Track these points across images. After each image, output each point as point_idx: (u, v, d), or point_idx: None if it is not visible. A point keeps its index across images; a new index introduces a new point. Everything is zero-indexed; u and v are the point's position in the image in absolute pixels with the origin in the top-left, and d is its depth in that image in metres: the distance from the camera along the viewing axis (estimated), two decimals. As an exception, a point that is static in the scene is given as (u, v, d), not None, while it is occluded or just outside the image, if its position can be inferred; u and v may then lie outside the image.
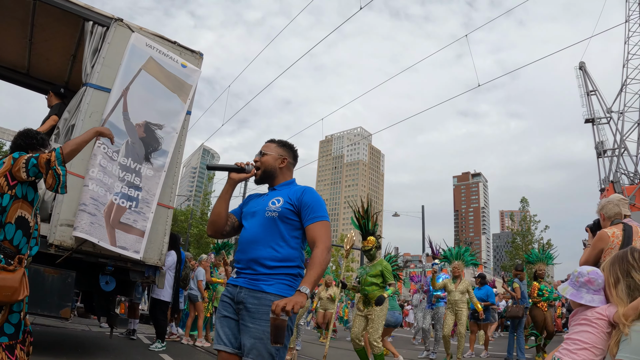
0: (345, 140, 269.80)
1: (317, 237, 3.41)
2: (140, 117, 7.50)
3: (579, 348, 3.50)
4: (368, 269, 8.87)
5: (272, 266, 3.37)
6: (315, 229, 3.46)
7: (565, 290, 3.79)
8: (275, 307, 2.88)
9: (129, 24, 7.68)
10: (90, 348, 9.00)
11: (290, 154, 3.85)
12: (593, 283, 3.64)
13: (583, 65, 55.55)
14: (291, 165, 3.89)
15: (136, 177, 7.31)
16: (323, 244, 3.36)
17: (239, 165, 3.64)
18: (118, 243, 6.90)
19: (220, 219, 3.65)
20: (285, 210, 3.50)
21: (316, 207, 3.55)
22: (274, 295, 3.26)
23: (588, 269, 3.72)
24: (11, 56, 9.78)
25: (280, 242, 3.45)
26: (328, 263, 3.35)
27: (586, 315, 3.55)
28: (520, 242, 53.09)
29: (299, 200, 3.55)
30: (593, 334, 3.45)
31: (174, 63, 7.95)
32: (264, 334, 3.15)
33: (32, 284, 6.34)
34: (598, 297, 3.61)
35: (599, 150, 52.94)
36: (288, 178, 3.84)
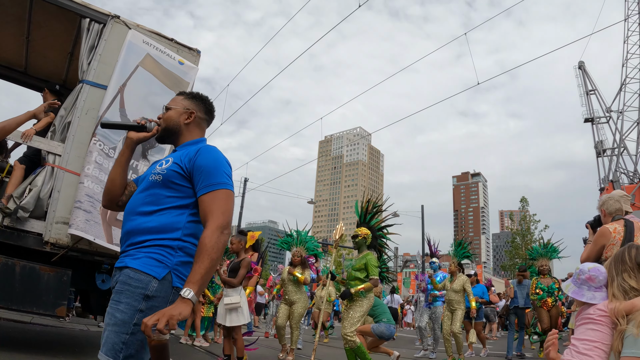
0: (344, 140, 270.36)
1: (208, 212, 2.73)
2: (137, 114, 7.43)
3: (587, 348, 3.46)
4: (354, 261, 8.67)
5: (143, 239, 2.75)
6: (206, 201, 2.78)
7: (568, 288, 3.78)
8: (144, 327, 2.36)
9: (125, 21, 7.64)
10: (88, 348, 8.95)
11: (200, 107, 3.28)
12: (594, 280, 3.61)
13: (582, 65, 55.57)
14: (202, 121, 3.29)
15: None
16: (215, 222, 2.68)
17: (138, 123, 3.13)
18: (115, 240, 6.86)
19: (114, 187, 3.12)
20: (172, 173, 2.88)
21: (212, 171, 2.85)
22: (136, 271, 2.65)
23: (589, 266, 3.69)
24: (8, 54, 9.75)
25: (157, 209, 2.81)
26: (223, 248, 2.68)
27: (589, 314, 3.52)
28: (520, 241, 53.19)
29: (191, 162, 2.89)
30: (599, 331, 3.42)
31: (171, 60, 7.92)
32: (114, 318, 2.58)
33: (28, 282, 6.32)
34: (599, 295, 3.58)
35: (598, 149, 52.93)
36: (196, 137, 3.21)
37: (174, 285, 2.72)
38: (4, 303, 6.38)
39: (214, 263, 2.59)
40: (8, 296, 6.31)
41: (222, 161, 2.94)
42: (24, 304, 6.49)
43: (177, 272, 2.74)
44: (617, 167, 50.44)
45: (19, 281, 6.31)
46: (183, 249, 2.78)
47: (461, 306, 11.03)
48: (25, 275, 6.38)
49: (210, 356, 9.75)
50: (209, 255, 2.55)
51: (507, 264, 58.27)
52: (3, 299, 6.30)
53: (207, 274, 2.54)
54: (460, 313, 10.98)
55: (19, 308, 6.63)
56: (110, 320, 2.59)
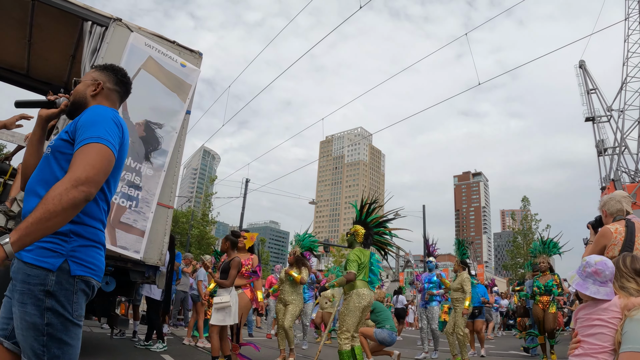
0: (345, 140, 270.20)
1: (71, 165, 2.42)
2: (140, 116, 7.49)
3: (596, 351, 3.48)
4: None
5: None
6: (75, 155, 2.45)
7: (573, 279, 3.78)
8: None
9: (127, 24, 7.68)
10: (91, 349, 8.98)
11: (110, 78, 2.97)
12: (600, 275, 3.62)
13: (583, 64, 55.52)
14: (112, 92, 2.98)
15: (136, 177, 7.30)
16: (70, 175, 2.34)
17: (49, 99, 2.92)
18: (118, 243, 6.89)
19: (28, 169, 2.87)
20: (59, 142, 2.61)
21: (89, 126, 2.54)
22: (31, 266, 2.37)
23: (596, 259, 3.68)
24: (10, 57, 9.78)
25: (45, 186, 2.49)
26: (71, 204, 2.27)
27: (600, 316, 3.53)
28: (522, 241, 53.18)
29: (75, 123, 2.61)
30: (611, 335, 3.44)
31: (173, 62, 7.95)
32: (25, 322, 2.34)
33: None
34: (604, 290, 3.59)
35: (599, 148, 52.87)
36: None
37: (75, 274, 2.47)
38: (9, 305, 6.41)
39: (48, 215, 2.22)
40: (12, 298, 6.33)
41: (105, 116, 2.64)
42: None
43: (74, 259, 2.48)
44: (618, 166, 50.39)
45: (23, 283, 6.33)
46: (78, 233, 2.51)
47: (462, 304, 10.84)
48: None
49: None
50: (45, 206, 2.22)
51: (509, 263, 58.25)
52: (7, 301, 6.33)
53: (36, 224, 2.20)
54: (459, 311, 10.84)
55: (23, 310, 6.65)
56: (23, 325, 2.37)
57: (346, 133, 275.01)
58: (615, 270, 3.61)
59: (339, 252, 68.42)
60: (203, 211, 50.89)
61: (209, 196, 51.56)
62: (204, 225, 48.39)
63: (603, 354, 3.44)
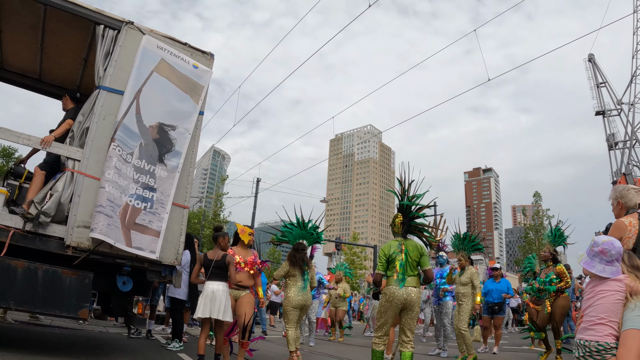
0: (355, 138, 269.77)
1: None
2: (153, 119, 7.57)
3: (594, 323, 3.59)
4: None
5: None
6: None
7: (581, 258, 3.88)
8: None
9: (139, 27, 7.75)
10: (108, 349, 9.06)
11: None
12: (606, 254, 3.72)
13: (592, 58, 55.37)
14: None
15: (150, 179, 7.38)
16: None
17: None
18: (134, 244, 6.98)
19: None
20: None
21: None
22: None
23: (603, 239, 3.80)
24: (23, 62, 9.85)
25: None
26: None
27: (603, 287, 3.65)
28: (533, 236, 53.04)
29: None
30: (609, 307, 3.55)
31: (186, 64, 8.02)
32: None
33: (50, 285, 6.43)
34: (609, 268, 3.69)
35: (610, 142, 52.77)
36: None
37: None
38: (28, 306, 6.50)
39: None
40: (31, 300, 6.42)
41: None
42: (46, 307, 6.61)
43: None
44: (630, 159, 50.29)
45: (42, 285, 6.42)
46: None
47: (468, 300, 10.68)
48: (48, 279, 6.49)
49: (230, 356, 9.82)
50: None
51: (521, 259, 58.09)
52: (26, 303, 6.42)
53: None
54: (466, 307, 10.63)
55: (42, 311, 6.76)
56: None
57: (356, 131, 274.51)
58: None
59: (350, 250, 68.51)
60: (214, 211, 51.08)
61: (220, 196, 51.74)
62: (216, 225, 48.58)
63: (600, 325, 3.53)
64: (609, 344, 3.50)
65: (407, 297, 6.95)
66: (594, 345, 3.57)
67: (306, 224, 9.97)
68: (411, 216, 7.53)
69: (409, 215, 7.53)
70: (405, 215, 7.53)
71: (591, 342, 3.58)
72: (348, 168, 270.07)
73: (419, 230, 7.60)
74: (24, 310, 6.73)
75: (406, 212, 7.54)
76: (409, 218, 7.52)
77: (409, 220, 7.50)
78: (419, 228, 7.58)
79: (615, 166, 51.51)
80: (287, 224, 9.98)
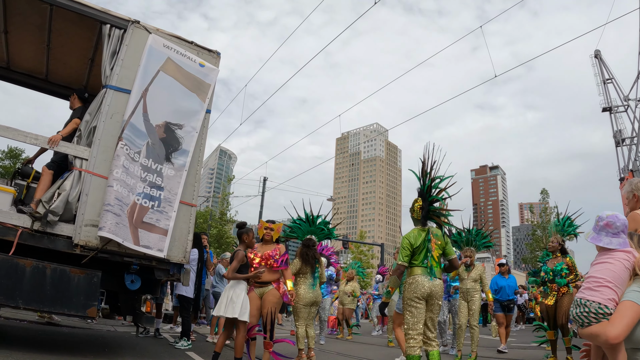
0: (361, 136, 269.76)
1: None
2: (160, 118, 7.59)
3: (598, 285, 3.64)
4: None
5: None
6: None
7: (588, 235, 3.96)
8: None
9: (145, 26, 7.76)
10: (117, 348, 9.09)
11: None
12: (611, 226, 3.80)
13: (598, 54, 55.23)
14: None
15: (157, 177, 7.40)
16: None
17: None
18: (142, 242, 7.00)
19: None
20: None
21: None
22: None
23: (608, 213, 3.92)
24: (29, 62, 9.88)
25: None
26: None
27: (609, 254, 3.72)
28: (541, 234, 52.87)
29: None
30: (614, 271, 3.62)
31: (192, 63, 8.03)
32: None
33: (59, 284, 6.45)
34: (616, 240, 3.76)
35: (617, 139, 52.63)
36: None
37: None
38: (36, 305, 6.52)
39: None
40: (40, 298, 6.44)
41: None
42: (55, 306, 6.63)
43: None
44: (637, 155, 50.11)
45: (50, 283, 6.45)
46: None
47: (478, 296, 10.65)
48: (56, 278, 6.51)
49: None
50: None
51: (528, 256, 57.95)
52: (35, 301, 6.43)
53: None
54: (477, 304, 10.60)
55: (51, 310, 6.78)
56: None
57: (362, 129, 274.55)
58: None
59: (357, 248, 68.48)
60: (221, 211, 51.12)
61: (226, 196, 51.76)
62: (222, 224, 48.56)
63: (605, 288, 3.57)
64: (608, 309, 3.53)
65: (434, 289, 6.44)
66: (595, 306, 3.60)
67: (315, 219, 9.83)
68: (430, 200, 6.92)
69: (429, 200, 6.92)
70: (425, 199, 6.92)
71: (592, 303, 3.61)
72: (354, 166, 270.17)
73: (436, 215, 6.96)
74: (32, 309, 6.75)
75: (426, 196, 6.94)
76: (429, 202, 6.92)
77: (428, 205, 6.90)
78: (437, 213, 6.94)
79: (622, 163, 51.40)
80: (296, 219, 9.84)
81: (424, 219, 6.83)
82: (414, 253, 6.52)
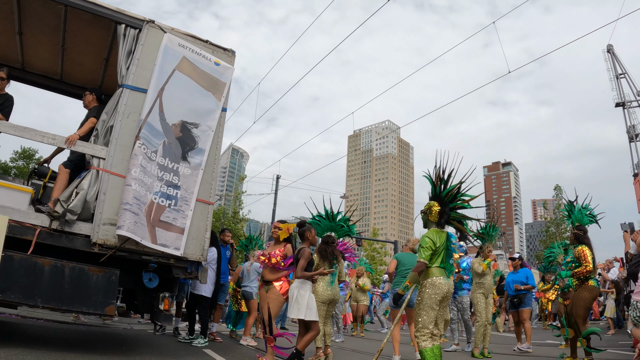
0: (373, 134, 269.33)
1: None
2: (176, 117, 7.62)
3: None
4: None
5: None
6: None
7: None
8: None
9: (160, 25, 7.79)
10: (134, 345, 9.14)
11: None
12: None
13: (611, 48, 54.89)
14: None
15: (174, 176, 7.44)
16: None
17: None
18: (159, 241, 7.05)
19: None
20: None
21: None
22: None
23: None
24: (44, 63, 9.93)
25: None
26: None
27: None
28: (555, 230, 52.55)
29: None
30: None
31: (207, 61, 8.06)
32: None
33: (77, 282, 6.50)
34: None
35: (630, 134, 52.33)
36: None
37: None
38: (55, 304, 6.56)
39: None
40: (58, 297, 6.49)
41: None
42: (74, 304, 6.67)
43: None
44: (651, 150, 49.81)
45: (69, 282, 6.50)
46: None
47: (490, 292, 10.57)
48: (75, 276, 6.56)
49: (255, 351, 9.85)
50: None
51: (542, 253, 57.68)
52: (53, 300, 6.48)
53: None
54: (491, 300, 10.60)
55: (69, 308, 6.81)
56: None
57: (374, 127, 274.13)
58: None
59: (370, 245, 68.45)
60: (234, 209, 51.16)
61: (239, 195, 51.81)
62: (235, 222, 48.62)
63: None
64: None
65: (450, 289, 6.57)
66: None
67: (335, 215, 9.79)
68: (452, 206, 6.89)
69: (450, 205, 6.88)
70: (446, 204, 6.88)
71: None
72: (367, 164, 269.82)
73: (458, 221, 7.01)
74: (51, 308, 6.79)
75: (445, 201, 6.89)
76: (450, 208, 6.88)
77: (449, 210, 6.87)
78: (459, 219, 6.99)
79: (636, 158, 51.10)
80: (315, 216, 9.79)
81: (444, 223, 6.85)
82: (434, 253, 6.53)
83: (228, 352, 9.16)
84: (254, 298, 11.93)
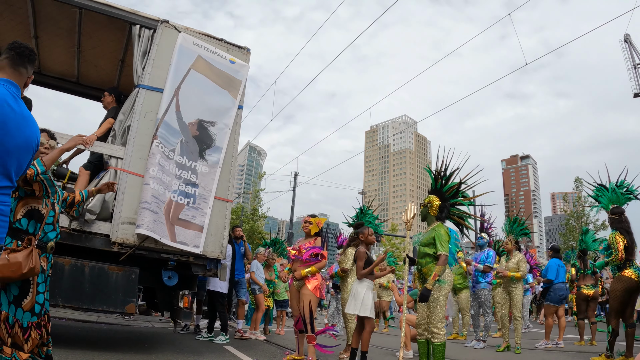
0: (390, 129, 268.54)
1: None
2: (192, 116, 7.67)
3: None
4: (422, 236, 7.12)
5: None
6: None
7: None
8: None
9: (175, 25, 7.83)
10: (156, 343, 9.21)
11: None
12: None
13: (628, 38, 54.28)
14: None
15: (192, 175, 7.48)
16: None
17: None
18: (178, 239, 7.09)
19: None
20: None
21: None
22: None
23: None
24: (61, 66, 10.01)
25: None
26: None
27: None
28: (575, 223, 52.11)
29: None
30: None
31: (222, 60, 8.09)
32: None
33: (97, 281, 6.56)
34: None
35: (650, 124, 51.77)
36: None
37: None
38: (75, 303, 6.64)
39: None
40: (78, 296, 6.58)
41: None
42: (94, 303, 6.75)
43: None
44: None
45: (89, 281, 6.59)
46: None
47: (519, 286, 10.29)
48: (95, 275, 6.64)
49: (276, 347, 9.90)
50: None
51: (562, 247, 57.22)
52: (74, 299, 6.57)
53: None
54: (519, 294, 10.31)
55: (90, 307, 6.89)
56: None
57: (391, 122, 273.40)
58: None
59: (389, 241, 68.31)
60: (253, 207, 51.24)
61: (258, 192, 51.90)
62: (254, 220, 48.70)
63: None
64: None
65: (452, 283, 6.72)
66: None
67: (365, 211, 9.92)
68: (453, 202, 7.03)
69: (450, 201, 7.02)
70: (446, 199, 6.99)
71: None
72: (384, 159, 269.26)
73: (458, 216, 7.11)
74: (71, 307, 6.86)
75: (445, 197, 7.01)
76: (450, 204, 7.02)
77: (450, 206, 7.00)
78: (460, 215, 7.11)
79: (656, 148, 50.68)
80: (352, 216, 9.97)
81: (444, 218, 7.02)
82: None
83: (249, 349, 9.19)
84: (258, 293, 12.08)
